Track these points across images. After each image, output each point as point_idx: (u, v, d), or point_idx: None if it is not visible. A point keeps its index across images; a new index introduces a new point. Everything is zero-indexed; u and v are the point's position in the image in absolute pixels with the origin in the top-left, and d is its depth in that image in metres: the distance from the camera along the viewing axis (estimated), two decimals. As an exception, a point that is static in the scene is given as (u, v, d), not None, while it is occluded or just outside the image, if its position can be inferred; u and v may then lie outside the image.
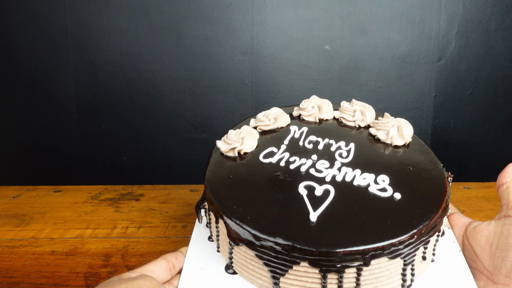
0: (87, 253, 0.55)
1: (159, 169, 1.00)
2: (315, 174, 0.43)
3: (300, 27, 0.95)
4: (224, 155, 0.48)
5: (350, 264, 0.34)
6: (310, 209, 0.38)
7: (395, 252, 0.34)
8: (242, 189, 0.41)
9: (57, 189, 0.92)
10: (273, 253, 0.35)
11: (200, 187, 0.93)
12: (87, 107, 0.97)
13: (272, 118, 0.52)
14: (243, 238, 0.37)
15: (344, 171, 0.43)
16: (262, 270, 0.37)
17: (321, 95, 0.98)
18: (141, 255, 0.54)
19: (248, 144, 0.47)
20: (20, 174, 1.00)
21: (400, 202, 0.39)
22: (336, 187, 0.40)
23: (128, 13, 0.92)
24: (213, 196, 0.41)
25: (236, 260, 0.39)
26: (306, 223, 0.36)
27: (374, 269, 0.35)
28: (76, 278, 0.48)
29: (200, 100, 0.97)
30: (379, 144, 0.49)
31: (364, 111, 0.53)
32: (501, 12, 0.95)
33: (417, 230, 0.35)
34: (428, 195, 0.40)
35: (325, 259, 0.33)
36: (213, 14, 0.93)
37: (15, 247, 0.58)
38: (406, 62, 0.97)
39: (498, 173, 0.46)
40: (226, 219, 0.38)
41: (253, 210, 0.38)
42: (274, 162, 0.45)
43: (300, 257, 0.34)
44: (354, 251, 0.33)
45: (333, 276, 0.34)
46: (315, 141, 0.49)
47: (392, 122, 0.50)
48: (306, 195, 0.40)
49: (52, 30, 0.92)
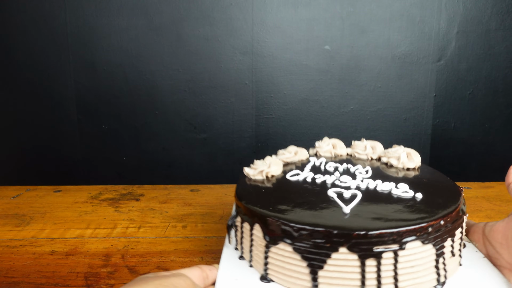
0: (87, 253, 0.55)
1: (159, 169, 1.00)
2: (341, 184, 0.47)
3: (300, 27, 0.95)
4: (252, 179, 0.51)
5: (386, 248, 0.35)
6: (342, 205, 0.41)
7: (427, 236, 0.37)
8: (275, 197, 0.45)
9: (57, 189, 0.92)
10: (311, 243, 0.36)
11: (200, 187, 0.93)
12: (87, 107, 0.97)
13: (293, 152, 0.58)
14: (281, 233, 0.38)
15: (366, 182, 0.47)
16: (300, 267, 0.37)
17: (321, 95, 0.98)
18: (141, 255, 0.54)
19: (274, 168, 0.51)
20: (20, 174, 1.00)
21: (423, 200, 0.42)
22: (362, 192, 0.44)
23: (128, 13, 0.92)
24: (248, 204, 0.43)
25: (272, 264, 0.39)
26: (340, 215, 0.39)
27: (410, 255, 0.36)
28: (76, 278, 0.48)
29: (200, 100, 0.97)
30: (392, 168, 0.54)
31: (374, 146, 0.59)
32: (501, 12, 0.95)
33: (443, 215, 0.38)
34: (446, 194, 0.44)
35: (362, 241, 0.35)
36: (213, 14, 0.93)
37: (15, 247, 0.58)
38: (406, 62, 0.97)
39: (498, 173, 0.47)
40: (264, 219, 0.40)
41: (289, 208, 0.41)
42: (300, 179, 0.50)
43: (339, 242, 0.35)
44: (389, 233, 0.35)
45: (371, 262, 0.35)
46: (335, 166, 0.54)
47: (401, 149, 0.56)
48: (336, 197, 0.43)
49: (52, 30, 0.92)
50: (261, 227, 0.40)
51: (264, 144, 1.00)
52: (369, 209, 0.40)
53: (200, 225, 0.67)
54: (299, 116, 0.99)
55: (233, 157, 1.00)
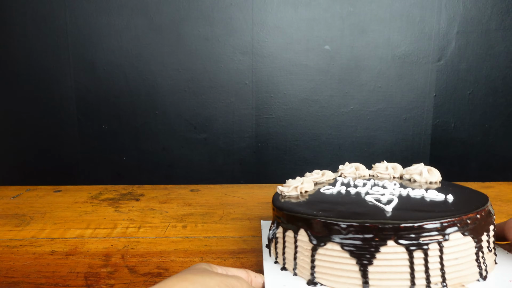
0: (87, 253, 0.55)
1: (159, 169, 1.00)
2: (375, 193, 0.50)
3: (300, 27, 0.95)
4: (286, 196, 0.53)
5: (432, 239, 0.38)
6: (382, 206, 0.44)
7: (466, 228, 0.39)
8: (316, 204, 0.47)
9: (57, 189, 0.92)
10: (360, 239, 0.38)
11: (200, 187, 0.93)
12: (87, 107, 0.97)
13: (320, 173, 0.61)
14: (328, 232, 0.40)
15: (398, 190, 0.50)
16: (349, 265, 0.39)
17: (321, 95, 0.98)
18: (141, 255, 0.54)
19: (307, 185, 0.54)
20: (20, 174, 1.00)
21: (455, 201, 0.45)
22: (398, 197, 0.47)
23: (128, 13, 0.92)
24: (292, 212, 0.45)
25: (319, 267, 0.41)
26: (383, 213, 0.42)
27: (453, 246, 0.38)
28: (76, 278, 0.48)
29: (200, 100, 0.97)
30: (415, 183, 0.57)
31: (394, 166, 0.63)
32: (501, 12, 0.95)
33: (479, 210, 0.41)
34: (475, 197, 0.48)
35: (409, 233, 0.37)
36: (213, 14, 0.93)
37: (15, 247, 0.58)
38: (406, 62, 0.97)
39: (498, 173, 0.48)
40: (310, 221, 0.42)
41: (333, 211, 0.43)
42: (335, 192, 0.53)
43: (387, 235, 0.37)
44: (433, 224, 0.38)
45: (419, 254, 0.37)
46: (363, 182, 0.57)
47: (421, 165, 0.60)
48: (374, 201, 0.46)
49: (52, 30, 0.92)
50: (306, 231, 0.42)
51: (264, 144, 1.00)
52: (408, 208, 0.43)
53: (200, 225, 0.67)
54: (299, 116, 0.99)
55: (233, 157, 1.00)
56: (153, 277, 0.48)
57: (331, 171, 0.64)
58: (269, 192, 0.88)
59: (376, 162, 0.71)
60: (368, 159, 1.01)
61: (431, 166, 0.59)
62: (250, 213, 0.73)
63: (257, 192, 0.88)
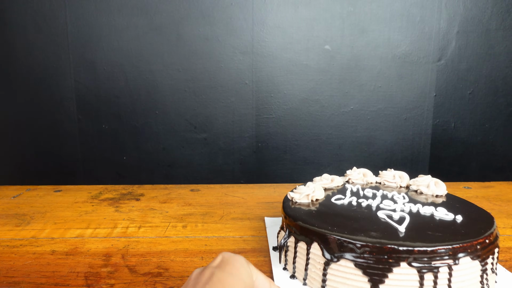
0: (88, 252, 0.55)
1: (159, 169, 1.00)
2: (386, 207, 0.51)
3: (300, 27, 0.95)
4: (297, 203, 0.54)
5: (443, 263, 0.39)
6: (396, 225, 0.45)
7: (476, 253, 0.41)
8: (329, 217, 0.48)
9: (58, 189, 0.92)
10: (373, 259, 0.39)
11: (200, 187, 0.93)
12: (87, 107, 0.97)
13: (329, 179, 0.62)
14: (343, 251, 0.41)
15: (408, 206, 0.51)
16: (361, 282, 0.40)
17: (321, 95, 0.98)
18: (141, 255, 0.54)
19: (318, 193, 0.55)
20: (20, 174, 1.00)
21: (463, 222, 0.47)
22: (408, 214, 0.48)
23: (128, 12, 0.92)
24: (305, 223, 0.46)
25: (331, 280, 0.42)
26: (396, 233, 0.43)
27: (461, 270, 0.40)
28: (76, 278, 0.48)
29: (200, 100, 0.97)
30: (422, 195, 0.59)
31: (401, 175, 0.64)
32: (501, 12, 0.95)
33: (487, 235, 0.43)
34: (481, 218, 0.49)
35: (422, 256, 0.39)
36: (213, 14, 0.93)
37: (16, 246, 0.58)
38: (407, 62, 0.97)
39: (498, 173, 0.48)
40: (325, 237, 0.43)
41: (347, 227, 0.44)
42: (346, 203, 0.53)
43: (401, 258, 0.39)
44: (446, 249, 0.39)
45: (429, 277, 0.39)
46: (372, 192, 0.58)
47: (429, 178, 0.61)
48: (387, 218, 0.47)
49: (52, 30, 0.92)
50: (320, 246, 0.43)
51: (264, 144, 1.00)
52: (421, 228, 0.44)
53: (200, 225, 0.67)
54: (299, 116, 0.99)
55: (233, 157, 1.00)
56: (153, 277, 0.48)
57: (338, 176, 0.65)
58: (269, 192, 0.88)
59: (376, 161, 0.71)
60: (368, 159, 1.01)
61: (437, 179, 0.60)
62: (250, 213, 0.73)
63: (257, 192, 0.88)
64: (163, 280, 0.47)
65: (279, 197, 0.84)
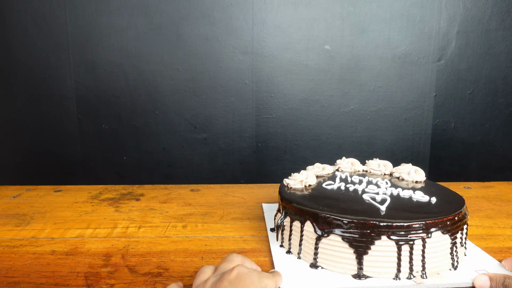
0: (88, 253, 0.55)
1: (159, 169, 1.00)
2: (370, 191, 0.58)
3: (300, 27, 0.95)
4: (292, 188, 0.60)
5: (417, 236, 0.45)
6: (378, 205, 0.51)
7: (446, 228, 0.47)
8: (320, 199, 0.54)
9: (58, 189, 0.92)
10: (359, 233, 0.46)
11: (200, 187, 0.93)
12: (87, 107, 0.97)
13: (321, 168, 0.68)
14: (332, 227, 0.47)
15: (389, 190, 0.58)
16: (347, 253, 0.47)
17: (321, 95, 0.98)
18: (141, 255, 0.54)
19: (311, 179, 0.62)
20: (20, 174, 1.00)
21: (437, 203, 0.53)
22: (390, 197, 0.54)
23: (128, 13, 0.92)
24: (299, 205, 0.52)
25: (322, 253, 0.49)
26: (378, 212, 0.49)
27: (434, 242, 0.46)
28: (76, 278, 0.48)
29: (200, 100, 0.97)
30: (403, 181, 0.65)
31: (385, 164, 0.70)
32: (501, 11, 0.95)
33: (457, 213, 0.49)
34: (453, 199, 0.55)
35: (400, 230, 0.45)
36: (213, 14, 0.93)
37: (16, 246, 0.58)
38: (406, 62, 0.97)
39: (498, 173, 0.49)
40: (316, 216, 0.49)
41: (336, 207, 0.51)
42: (335, 188, 0.60)
43: (382, 232, 0.45)
44: (420, 224, 0.46)
45: (406, 248, 0.45)
46: (359, 179, 0.65)
47: (409, 166, 0.67)
48: (371, 199, 0.54)
49: (52, 30, 0.92)
50: (312, 223, 0.49)
51: (264, 144, 1.00)
52: (400, 208, 0.51)
53: (200, 225, 0.67)
54: (299, 116, 0.99)
55: (233, 157, 1.00)
56: (153, 276, 0.48)
57: (329, 165, 0.71)
58: (269, 192, 0.88)
59: (376, 161, 0.72)
60: (368, 159, 1.00)
61: (417, 167, 0.66)
62: (250, 213, 0.73)
63: (257, 192, 0.88)
64: (163, 280, 0.47)
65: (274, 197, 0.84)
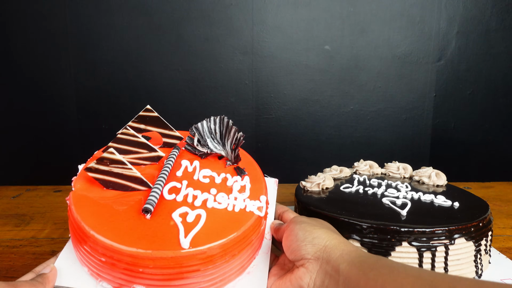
0: (87, 253, 0.55)
1: (159, 169, 1.00)
2: (390, 195, 0.55)
3: (300, 27, 0.95)
4: (309, 191, 0.59)
5: (440, 242, 0.43)
6: (398, 210, 0.49)
7: (470, 234, 0.45)
8: (338, 202, 0.53)
9: (57, 189, 0.92)
10: (378, 239, 0.44)
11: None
12: (87, 107, 0.97)
13: (338, 170, 0.67)
14: (350, 231, 0.45)
15: (410, 194, 0.55)
16: None
17: (321, 95, 0.98)
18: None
19: (328, 182, 0.60)
20: (20, 174, 1.00)
21: (460, 208, 0.50)
22: (410, 201, 0.52)
23: (128, 13, 0.92)
24: (317, 208, 0.50)
25: None
26: (399, 217, 0.47)
27: (457, 249, 0.44)
28: (76, 278, 0.48)
29: (200, 100, 0.97)
30: (424, 185, 0.62)
31: (405, 167, 0.68)
32: (501, 12, 0.95)
33: (481, 219, 0.47)
34: (477, 205, 0.53)
35: (422, 236, 0.43)
36: (213, 14, 0.93)
37: (15, 246, 0.58)
38: (406, 62, 0.97)
39: (498, 173, 0.49)
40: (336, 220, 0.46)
41: (355, 211, 0.49)
42: (353, 191, 0.58)
43: (403, 238, 0.43)
44: (443, 230, 0.44)
45: (427, 255, 0.43)
46: (377, 182, 0.62)
47: (430, 169, 0.64)
48: (390, 203, 0.51)
49: (52, 30, 0.92)
50: None
51: (264, 144, 1.00)
52: (421, 212, 0.48)
53: (200, 225, 0.67)
54: (299, 116, 0.99)
55: (233, 157, 1.00)
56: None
57: (348, 168, 0.69)
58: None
59: (376, 162, 0.71)
60: (368, 159, 1.00)
61: (439, 170, 0.64)
62: (250, 213, 0.73)
63: (257, 192, 0.88)
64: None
65: (279, 198, 0.84)
